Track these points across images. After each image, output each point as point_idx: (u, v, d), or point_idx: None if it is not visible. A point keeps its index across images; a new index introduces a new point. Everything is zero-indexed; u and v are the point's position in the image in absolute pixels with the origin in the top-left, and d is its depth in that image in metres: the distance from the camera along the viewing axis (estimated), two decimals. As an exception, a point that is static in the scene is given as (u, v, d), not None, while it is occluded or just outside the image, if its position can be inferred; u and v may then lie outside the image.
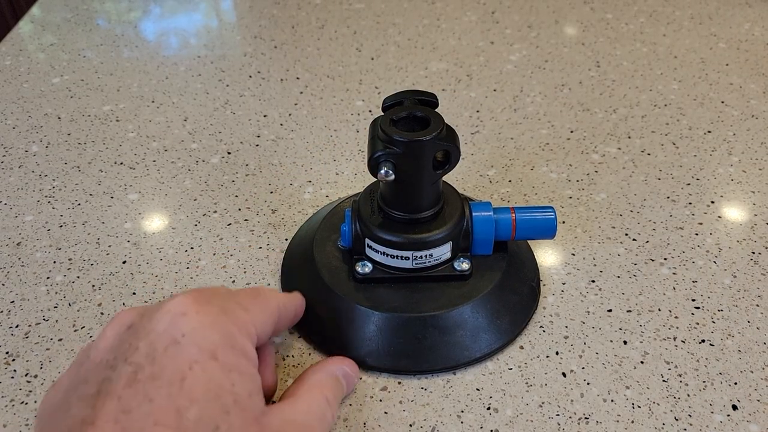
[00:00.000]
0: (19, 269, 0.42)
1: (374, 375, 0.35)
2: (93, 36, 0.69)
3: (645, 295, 0.39)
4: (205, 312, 0.26)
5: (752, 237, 0.44)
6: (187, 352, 0.24)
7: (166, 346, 0.24)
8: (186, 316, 0.25)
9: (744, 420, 0.33)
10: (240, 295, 0.29)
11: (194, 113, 0.57)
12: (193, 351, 0.24)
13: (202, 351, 0.24)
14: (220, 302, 0.27)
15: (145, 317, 0.26)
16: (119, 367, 0.24)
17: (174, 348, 0.24)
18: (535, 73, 0.62)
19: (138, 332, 0.25)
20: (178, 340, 0.24)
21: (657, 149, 0.52)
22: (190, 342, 0.25)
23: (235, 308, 0.28)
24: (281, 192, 0.48)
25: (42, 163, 0.51)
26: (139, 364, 0.24)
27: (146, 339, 0.25)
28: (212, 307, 0.26)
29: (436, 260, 0.36)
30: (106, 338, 0.26)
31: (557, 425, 0.32)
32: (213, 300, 0.27)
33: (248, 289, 0.31)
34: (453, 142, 0.33)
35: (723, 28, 0.69)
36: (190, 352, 0.24)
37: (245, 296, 0.29)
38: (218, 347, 0.25)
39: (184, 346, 0.24)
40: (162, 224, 0.45)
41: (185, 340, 0.25)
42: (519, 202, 0.47)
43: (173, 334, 0.25)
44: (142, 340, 0.25)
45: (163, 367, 0.23)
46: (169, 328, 0.25)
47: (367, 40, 0.67)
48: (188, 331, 0.25)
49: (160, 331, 0.25)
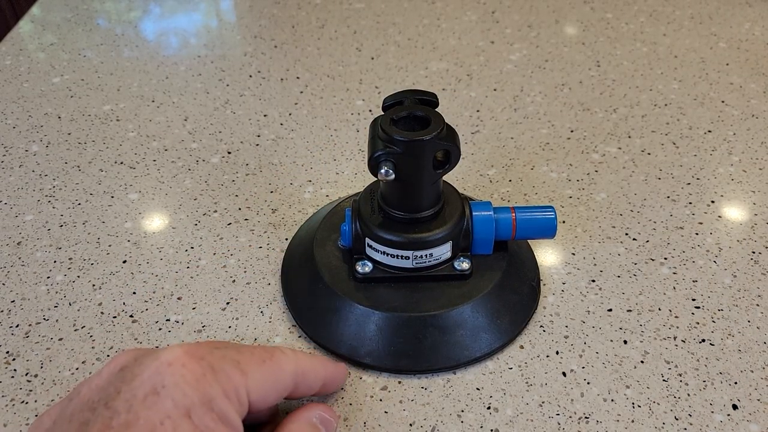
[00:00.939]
0: (20, 269, 0.42)
1: (374, 374, 0.35)
2: (93, 36, 0.69)
3: (645, 295, 0.39)
4: (191, 367, 0.25)
5: (752, 236, 0.44)
6: (162, 405, 0.23)
7: (145, 395, 0.24)
8: (171, 367, 0.25)
9: (744, 420, 0.33)
10: (245, 354, 0.27)
11: (194, 113, 0.57)
12: (169, 405, 0.23)
13: (177, 407, 0.24)
14: (215, 359, 0.26)
15: (137, 361, 0.25)
16: (98, 410, 0.23)
17: (152, 398, 0.24)
18: (536, 72, 0.62)
19: (125, 376, 0.25)
20: (158, 390, 0.24)
21: (657, 149, 0.52)
22: (168, 395, 0.24)
23: (230, 369, 0.26)
24: (281, 191, 0.48)
25: (42, 162, 0.51)
26: (116, 410, 0.23)
27: (130, 384, 0.24)
28: (202, 362, 0.25)
29: (437, 260, 0.36)
30: (100, 377, 0.26)
31: (557, 425, 0.32)
32: (208, 356, 0.26)
33: (261, 349, 0.29)
34: (453, 141, 0.33)
35: (723, 27, 0.69)
36: (166, 406, 0.23)
37: (251, 357, 0.27)
38: (195, 407, 0.24)
39: (162, 398, 0.24)
40: (162, 224, 0.45)
41: (164, 392, 0.24)
42: (519, 201, 0.47)
43: (154, 383, 0.24)
44: (126, 384, 0.24)
45: (137, 417, 0.23)
46: (153, 376, 0.24)
47: (368, 40, 0.67)
48: (169, 383, 0.24)
49: (143, 379, 0.24)
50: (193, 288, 0.40)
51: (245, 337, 0.37)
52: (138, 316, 0.38)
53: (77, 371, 0.35)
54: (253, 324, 0.38)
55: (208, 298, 0.39)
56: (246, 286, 0.40)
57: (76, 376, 0.35)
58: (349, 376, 0.35)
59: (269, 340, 0.37)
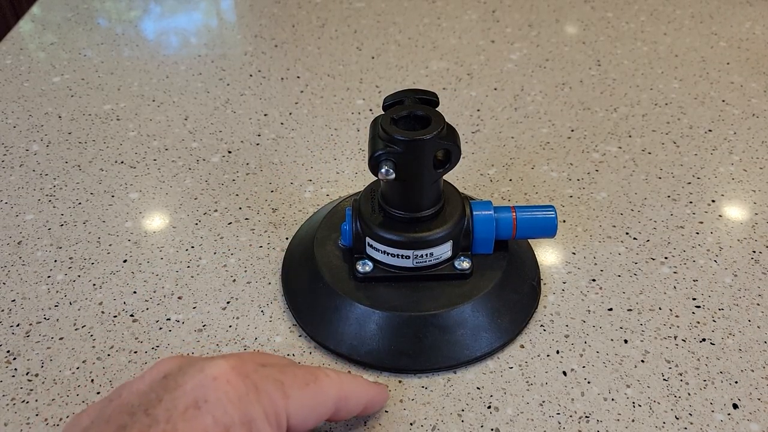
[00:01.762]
0: (20, 268, 0.42)
1: (375, 374, 0.35)
2: (93, 35, 0.69)
3: (646, 294, 0.39)
4: (235, 384, 0.25)
5: (753, 236, 0.44)
6: (202, 420, 0.23)
7: (186, 407, 0.24)
8: (215, 382, 0.24)
9: (744, 419, 0.33)
10: (289, 375, 0.27)
11: (195, 112, 0.57)
12: (209, 421, 0.23)
13: (217, 424, 0.23)
14: (259, 378, 0.26)
15: (182, 370, 0.25)
16: (138, 416, 0.23)
17: (193, 412, 0.23)
18: (536, 72, 0.62)
19: (168, 385, 0.25)
20: (199, 405, 0.24)
21: (658, 148, 0.52)
22: (209, 411, 0.24)
23: (273, 390, 0.26)
24: (282, 191, 0.48)
25: (43, 162, 0.51)
26: (155, 418, 0.23)
27: (171, 394, 0.24)
28: (247, 381, 0.25)
29: (437, 259, 0.36)
30: (143, 381, 0.25)
31: (558, 424, 0.32)
32: (253, 374, 0.26)
33: (305, 371, 0.28)
34: (453, 141, 0.33)
35: (724, 26, 0.69)
36: (205, 422, 0.23)
37: (294, 379, 0.27)
38: (234, 426, 0.24)
39: (203, 413, 0.24)
40: (163, 223, 0.45)
41: (206, 407, 0.24)
42: (519, 201, 0.47)
43: (197, 396, 0.24)
44: (168, 393, 0.24)
45: (176, 428, 0.23)
46: (196, 389, 0.24)
47: (368, 39, 0.67)
48: (212, 398, 0.24)
49: (186, 390, 0.24)
50: (194, 287, 0.40)
51: (246, 336, 0.37)
52: (138, 315, 0.38)
53: (78, 371, 0.35)
54: (253, 323, 0.38)
55: (208, 298, 0.39)
56: (246, 286, 0.40)
57: (76, 376, 0.35)
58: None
59: (270, 339, 0.37)
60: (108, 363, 0.36)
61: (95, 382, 0.35)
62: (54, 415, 0.33)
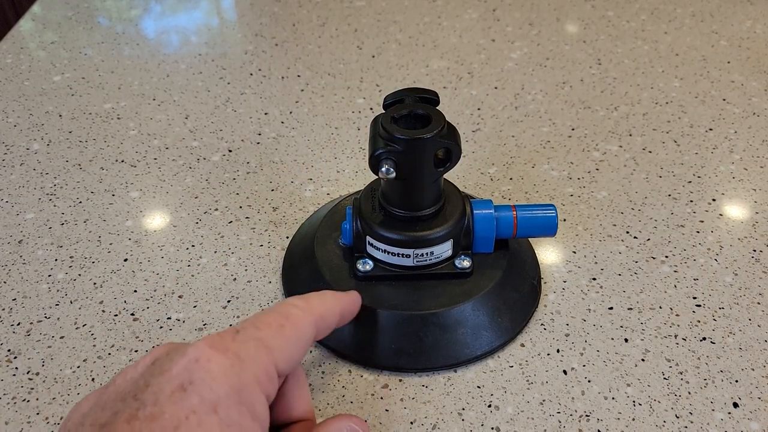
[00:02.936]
0: (21, 267, 0.42)
1: (375, 373, 0.35)
2: (94, 34, 0.69)
3: (646, 293, 0.39)
4: (217, 360, 0.25)
5: (753, 235, 0.43)
6: (189, 401, 0.24)
7: (172, 390, 0.24)
8: (198, 363, 0.25)
9: (745, 418, 0.33)
10: (263, 328, 0.27)
11: (195, 111, 0.57)
12: (195, 401, 0.24)
13: (204, 402, 0.24)
14: (238, 346, 0.26)
15: (168, 356, 0.26)
16: (128, 401, 0.24)
17: (179, 394, 0.24)
18: (536, 70, 0.62)
19: (155, 370, 0.25)
20: (185, 387, 0.24)
21: (658, 147, 0.52)
22: (195, 391, 0.24)
23: (255, 351, 0.26)
24: (282, 190, 0.48)
25: (43, 161, 0.51)
26: (143, 402, 0.24)
27: (158, 378, 0.24)
28: (228, 353, 0.25)
29: (437, 258, 0.36)
30: (135, 369, 0.26)
31: (558, 423, 0.32)
32: (232, 344, 0.26)
33: (276, 313, 0.28)
34: (454, 139, 0.33)
35: (724, 25, 0.69)
36: (192, 402, 0.24)
37: (269, 328, 0.27)
38: (221, 401, 0.24)
39: (189, 394, 0.24)
40: (163, 222, 0.45)
41: (191, 388, 0.24)
42: (520, 199, 0.47)
43: (182, 380, 0.24)
44: (155, 378, 0.25)
45: (163, 411, 0.23)
46: (181, 373, 0.25)
47: (368, 38, 0.67)
48: (196, 379, 0.24)
49: (172, 375, 0.24)
50: (194, 286, 0.40)
51: (246, 335, 0.37)
52: (139, 314, 0.38)
53: (78, 369, 0.35)
54: (254, 322, 0.38)
55: (209, 297, 0.39)
56: (247, 285, 0.40)
57: (77, 375, 0.35)
58: (350, 374, 0.35)
59: (270, 338, 0.37)
60: (109, 362, 0.36)
61: (96, 381, 0.35)
62: (55, 414, 0.33)
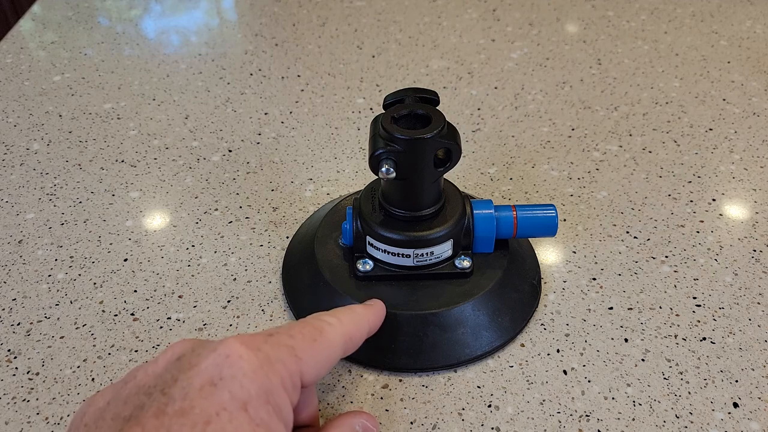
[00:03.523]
0: (21, 267, 0.42)
1: (375, 372, 0.35)
2: (94, 34, 0.69)
3: (646, 293, 0.39)
4: (248, 359, 0.25)
5: (753, 235, 0.43)
6: (219, 396, 0.24)
7: (202, 385, 0.24)
8: (229, 359, 0.25)
9: (745, 418, 0.33)
10: (297, 337, 0.27)
11: (195, 111, 0.57)
12: (226, 397, 0.24)
13: (234, 399, 0.24)
14: (271, 348, 0.26)
15: (195, 351, 0.26)
16: (154, 395, 0.24)
17: (209, 389, 0.24)
18: (536, 70, 0.62)
19: (182, 365, 0.25)
20: (215, 382, 0.24)
21: (658, 147, 0.52)
22: (225, 387, 0.24)
23: (286, 357, 0.26)
24: (282, 190, 0.48)
25: (43, 160, 0.51)
26: (172, 396, 0.23)
27: (186, 374, 0.24)
28: (259, 354, 0.25)
29: (438, 258, 0.36)
30: (157, 364, 0.26)
31: (558, 423, 0.32)
32: (264, 346, 0.26)
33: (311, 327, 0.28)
34: (454, 139, 0.33)
35: (724, 25, 0.69)
36: (222, 398, 0.24)
37: (303, 339, 0.27)
38: (252, 399, 0.24)
39: (219, 389, 0.24)
40: (163, 222, 0.45)
41: (222, 383, 0.24)
42: (520, 200, 0.47)
43: (212, 375, 0.24)
44: (183, 373, 0.24)
45: (193, 406, 0.23)
46: (210, 368, 0.24)
47: (368, 38, 0.67)
48: (227, 375, 0.24)
49: (201, 369, 0.24)
50: (194, 286, 0.40)
51: (246, 335, 0.37)
52: (139, 314, 0.38)
53: (78, 369, 0.35)
54: (254, 322, 0.38)
55: (209, 297, 0.39)
56: (247, 285, 0.40)
57: (77, 375, 0.35)
58: (350, 374, 0.35)
59: (270, 338, 0.37)
60: (109, 362, 0.36)
61: (96, 381, 0.35)
62: (55, 414, 0.33)
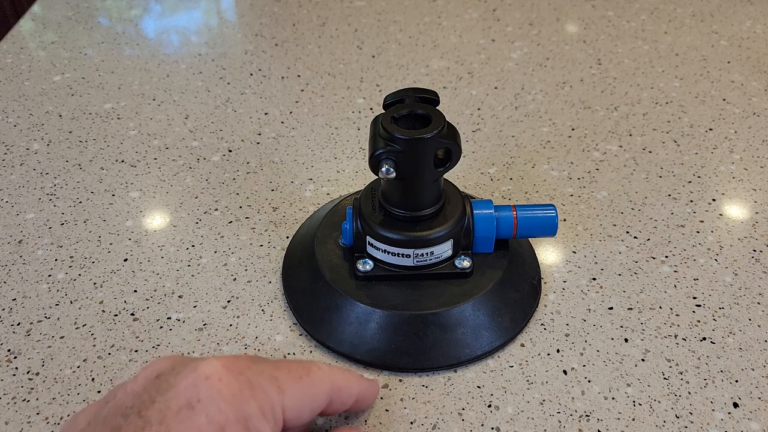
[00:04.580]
0: (21, 267, 0.42)
1: (375, 372, 0.35)
2: (94, 34, 0.69)
3: (646, 293, 0.39)
4: (228, 382, 0.24)
5: (753, 235, 0.43)
6: (196, 420, 0.23)
7: (179, 407, 0.23)
8: (208, 381, 0.24)
9: (745, 418, 0.33)
10: (283, 370, 0.27)
11: (195, 111, 0.57)
12: (202, 421, 0.23)
13: (211, 423, 0.23)
14: (253, 374, 0.25)
15: (174, 370, 0.25)
16: (131, 417, 0.23)
17: (186, 412, 0.23)
18: (536, 70, 0.62)
19: (160, 385, 0.25)
20: (192, 405, 0.24)
21: (658, 147, 0.52)
22: (202, 411, 0.23)
23: (268, 386, 0.26)
24: (282, 190, 0.48)
25: (43, 160, 0.51)
26: (148, 420, 0.23)
27: (165, 395, 0.24)
28: (240, 378, 0.25)
29: (438, 258, 0.36)
30: (137, 382, 0.25)
31: (558, 423, 0.32)
32: (246, 371, 0.25)
33: (298, 365, 0.28)
34: (454, 139, 0.33)
35: (724, 25, 0.69)
36: (199, 422, 0.23)
37: (288, 374, 0.27)
38: (229, 424, 0.24)
39: (196, 413, 0.23)
40: (163, 222, 0.45)
41: (199, 406, 0.24)
42: (520, 200, 0.47)
43: (190, 397, 0.24)
44: (161, 394, 0.24)
45: (169, 430, 0.23)
46: (189, 389, 0.24)
47: (368, 38, 0.67)
48: (205, 398, 0.24)
49: (179, 390, 0.24)
50: (194, 286, 0.40)
51: (246, 335, 0.37)
52: (139, 314, 0.38)
53: (78, 369, 0.35)
54: (254, 322, 0.38)
55: (209, 297, 0.39)
56: (247, 285, 0.40)
57: (77, 375, 0.35)
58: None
59: (270, 338, 0.37)
60: (109, 362, 0.36)
61: (96, 381, 0.35)
62: (55, 414, 0.33)
